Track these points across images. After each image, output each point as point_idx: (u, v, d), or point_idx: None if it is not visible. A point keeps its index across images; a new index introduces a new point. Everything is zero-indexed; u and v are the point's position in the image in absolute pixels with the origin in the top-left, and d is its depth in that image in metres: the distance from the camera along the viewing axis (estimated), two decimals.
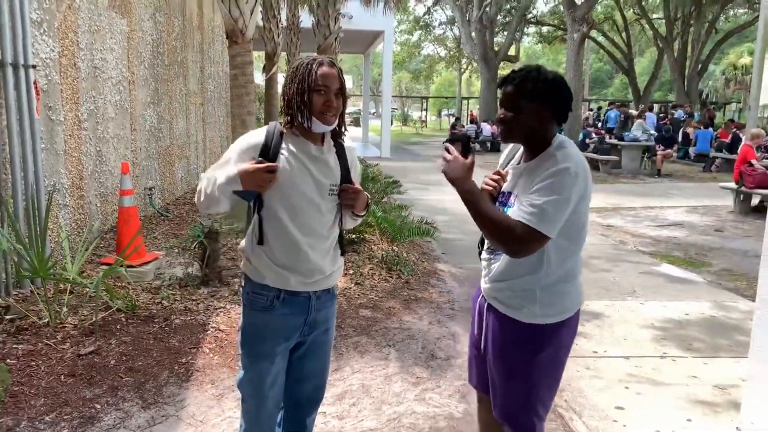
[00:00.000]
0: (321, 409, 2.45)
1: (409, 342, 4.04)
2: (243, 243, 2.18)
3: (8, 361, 3.41)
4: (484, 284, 2.14)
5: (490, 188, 2.09)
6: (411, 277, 5.42)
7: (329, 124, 2.06)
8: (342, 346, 3.87)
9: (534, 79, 1.91)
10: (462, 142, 1.97)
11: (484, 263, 2.15)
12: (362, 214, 2.26)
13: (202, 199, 2.06)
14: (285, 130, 2.08)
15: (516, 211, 1.90)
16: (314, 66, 2.00)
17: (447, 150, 1.95)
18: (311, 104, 2.01)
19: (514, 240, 1.84)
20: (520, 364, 2.04)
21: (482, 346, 2.18)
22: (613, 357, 3.99)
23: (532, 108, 1.92)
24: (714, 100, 35.98)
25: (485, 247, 2.16)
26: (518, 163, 2.08)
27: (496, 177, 2.12)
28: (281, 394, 2.24)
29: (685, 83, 26.80)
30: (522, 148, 2.08)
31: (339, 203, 2.17)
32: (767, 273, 2.95)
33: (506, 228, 1.85)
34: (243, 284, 2.18)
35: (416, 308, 4.70)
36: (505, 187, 2.07)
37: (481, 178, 2.06)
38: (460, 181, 1.91)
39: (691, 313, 4.93)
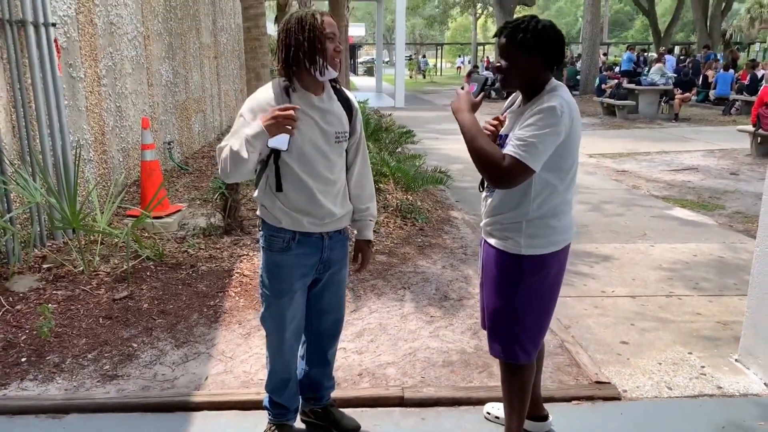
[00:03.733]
0: (341, 345, 2.64)
1: (424, 284, 4.23)
2: (257, 192, 2.34)
3: (50, 305, 3.66)
4: (482, 222, 2.31)
5: (489, 132, 2.24)
6: (425, 224, 5.58)
7: (337, 69, 2.19)
8: (360, 289, 4.07)
9: (524, 30, 2.03)
10: (479, 82, 2.16)
11: (482, 202, 2.32)
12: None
13: (228, 162, 2.11)
14: (291, 88, 2.18)
15: (507, 147, 2.06)
16: (318, 16, 2.12)
17: (463, 86, 2.11)
18: (325, 52, 2.12)
19: (500, 171, 2.00)
20: (505, 292, 2.21)
21: (481, 282, 2.35)
22: (620, 296, 4.14)
23: (524, 58, 2.06)
24: (738, 40, 34.82)
25: (484, 187, 2.32)
26: (516, 108, 2.22)
27: (495, 122, 2.27)
28: (302, 327, 2.45)
29: (708, 23, 25.98)
30: (520, 94, 2.23)
31: (347, 150, 2.33)
32: None
33: (494, 159, 2.01)
34: (260, 228, 2.35)
35: (430, 253, 4.87)
36: (503, 130, 2.21)
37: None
38: (462, 112, 2.11)
39: (699, 254, 5.05)
